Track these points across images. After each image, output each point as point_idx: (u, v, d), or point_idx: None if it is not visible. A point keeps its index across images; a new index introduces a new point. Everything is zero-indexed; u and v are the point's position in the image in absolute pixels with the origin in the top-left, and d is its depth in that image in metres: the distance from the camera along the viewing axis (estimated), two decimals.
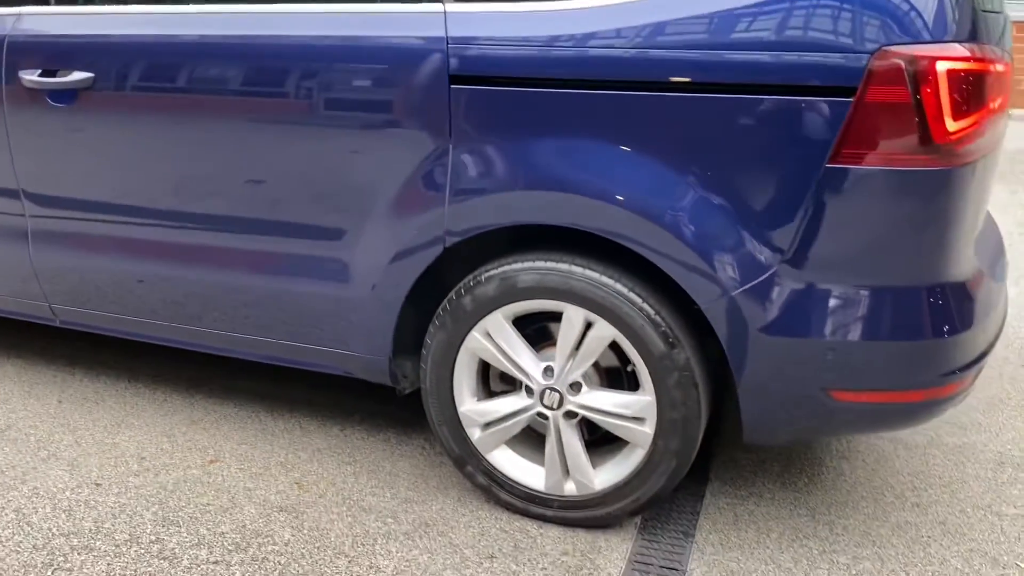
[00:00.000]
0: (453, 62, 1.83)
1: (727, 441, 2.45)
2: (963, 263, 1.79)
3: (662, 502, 2.15)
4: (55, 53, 2.17)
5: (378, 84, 1.91)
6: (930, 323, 1.75)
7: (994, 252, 2.14)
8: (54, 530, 2.06)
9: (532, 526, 2.09)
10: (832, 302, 1.74)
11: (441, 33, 1.84)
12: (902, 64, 1.59)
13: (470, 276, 1.96)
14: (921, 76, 1.59)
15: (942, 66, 1.59)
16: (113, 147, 2.19)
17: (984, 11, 1.82)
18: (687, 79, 1.69)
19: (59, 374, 2.83)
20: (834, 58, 1.61)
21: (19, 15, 2.21)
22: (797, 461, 2.37)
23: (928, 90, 1.59)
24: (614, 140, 1.76)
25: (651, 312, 1.83)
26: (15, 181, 2.33)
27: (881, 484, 2.27)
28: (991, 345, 1.90)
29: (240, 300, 2.22)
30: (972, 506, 2.18)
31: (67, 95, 2.17)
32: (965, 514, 2.15)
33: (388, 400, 2.64)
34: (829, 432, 1.97)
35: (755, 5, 1.66)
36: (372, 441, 2.44)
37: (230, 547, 2.01)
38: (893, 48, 1.60)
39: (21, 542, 2.02)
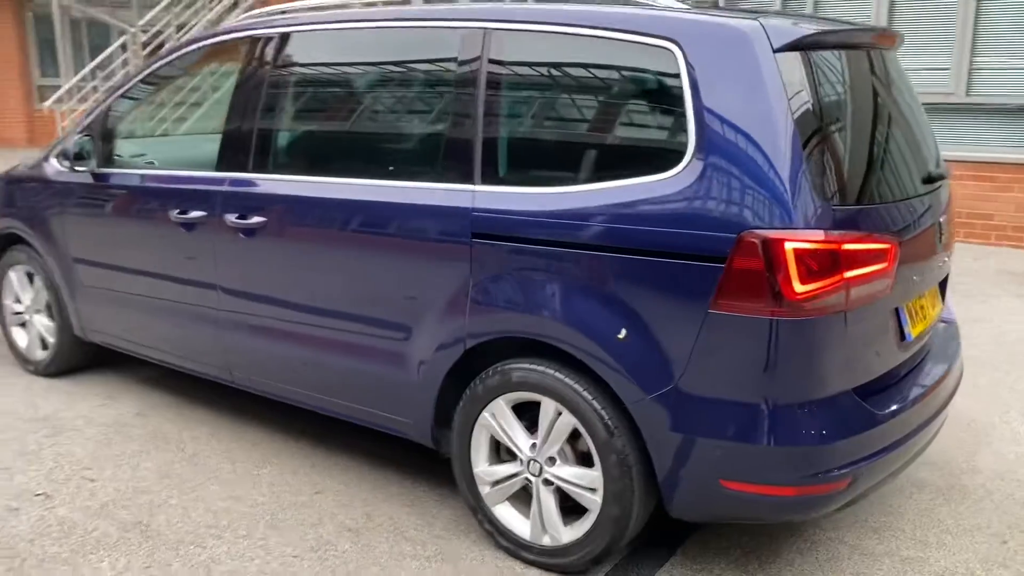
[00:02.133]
0: (475, 224, 2.68)
1: (706, 527, 2.98)
2: (832, 388, 2.32)
3: (614, 557, 2.75)
4: (244, 204, 3.26)
5: (431, 234, 2.79)
6: (797, 433, 2.29)
7: (914, 380, 2.62)
8: (201, 523, 3.02)
9: (519, 566, 2.76)
10: (718, 411, 2.34)
11: (470, 204, 2.69)
12: (757, 242, 2.22)
13: (484, 371, 2.74)
14: (772, 251, 2.21)
15: (789, 245, 2.21)
16: (276, 265, 3.23)
17: (874, 204, 2.41)
18: (619, 244, 2.42)
19: (234, 424, 3.88)
20: (713, 235, 2.28)
21: (224, 178, 3.35)
22: (757, 550, 2.86)
23: (777, 261, 2.21)
24: (574, 284, 2.51)
25: (597, 407, 2.51)
26: (216, 281, 3.44)
27: None
28: (871, 456, 2.38)
29: (345, 376, 3.13)
30: None
31: (250, 231, 3.25)
32: None
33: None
34: (732, 515, 2.50)
35: (665, 196, 2.36)
36: (430, 493, 3.23)
37: (307, 548, 2.86)
38: (753, 231, 2.24)
39: (181, 527, 2.99)
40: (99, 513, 3.09)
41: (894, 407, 2.50)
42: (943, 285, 3.14)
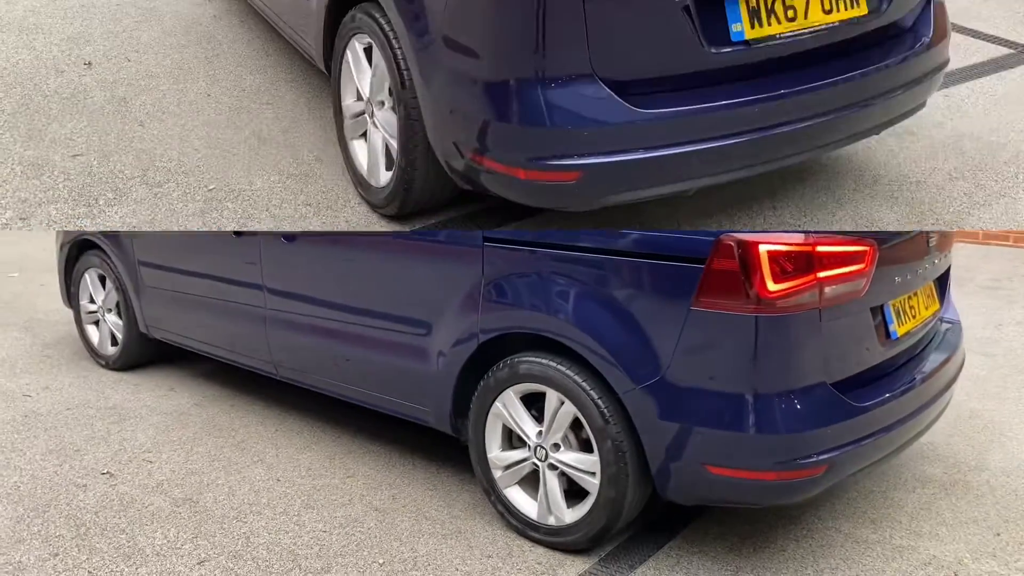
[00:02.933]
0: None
1: (707, 514, 3.15)
2: (807, 380, 2.49)
3: (615, 539, 2.95)
4: None
5: (449, 238, 3.04)
6: (773, 422, 2.46)
7: (902, 375, 2.76)
8: (244, 501, 3.33)
9: (527, 544, 2.99)
10: (701, 401, 2.53)
11: None
12: (733, 245, 2.41)
13: (495, 364, 2.98)
14: (747, 253, 2.40)
15: (763, 248, 2.39)
16: (313, 267, 3.53)
17: None
18: (611, 246, 2.63)
19: (280, 414, 4.20)
20: (695, 239, 2.48)
21: None
22: (754, 536, 3.02)
23: (751, 262, 2.39)
24: (571, 283, 2.72)
25: (594, 397, 2.72)
26: (262, 282, 3.76)
27: (811, 561, 2.87)
28: (849, 445, 2.53)
29: (374, 369, 3.41)
30: None
31: (291, 237, 3.56)
32: None
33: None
34: (718, 498, 2.68)
35: None
36: (452, 479, 3.48)
37: (336, 525, 3.14)
38: (731, 234, 2.43)
39: (226, 504, 3.31)
40: (155, 490, 3.42)
41: (875, 400, 2.64)
42: (943, 286, 3.25)
